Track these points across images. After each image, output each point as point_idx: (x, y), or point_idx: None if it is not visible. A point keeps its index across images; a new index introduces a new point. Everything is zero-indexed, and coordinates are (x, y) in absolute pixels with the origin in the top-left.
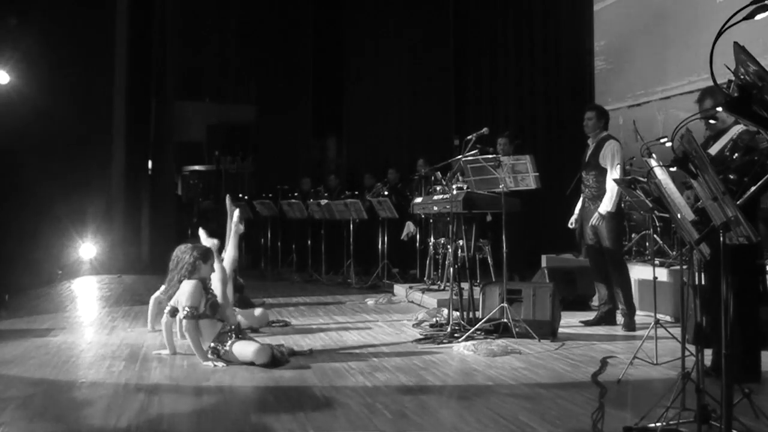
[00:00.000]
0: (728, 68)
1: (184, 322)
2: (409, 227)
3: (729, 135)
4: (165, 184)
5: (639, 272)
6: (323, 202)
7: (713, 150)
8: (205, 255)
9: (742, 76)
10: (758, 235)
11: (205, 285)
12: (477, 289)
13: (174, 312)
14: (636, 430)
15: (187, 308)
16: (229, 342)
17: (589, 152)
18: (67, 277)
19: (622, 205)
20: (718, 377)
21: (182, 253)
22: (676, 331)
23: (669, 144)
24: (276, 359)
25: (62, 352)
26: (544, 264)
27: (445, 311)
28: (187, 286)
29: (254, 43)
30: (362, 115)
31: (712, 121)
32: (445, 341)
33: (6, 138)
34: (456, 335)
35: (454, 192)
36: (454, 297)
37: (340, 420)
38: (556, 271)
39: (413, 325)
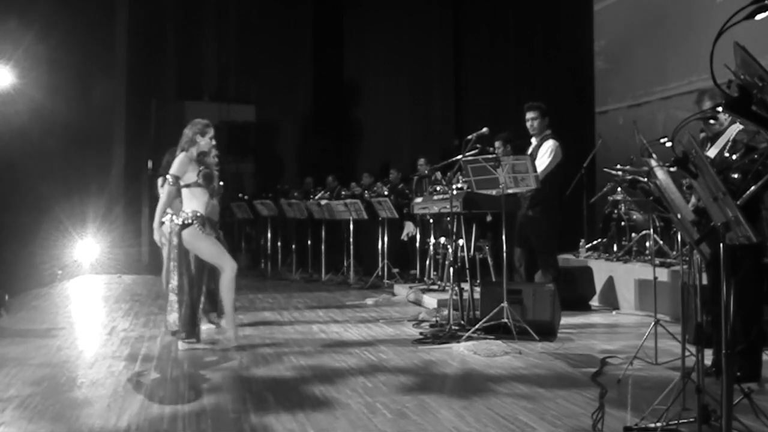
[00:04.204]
0: (728, 68)
1: (165, 187)
2: (409, 227)
3: (727, 136)
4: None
5: (639, 272)
6: (323, 202)
7: (711, 152)
8: (204, 129)
9: (742, 76)
10: (759, 235)
11: (201, 158)
12: (477, 289)
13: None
14: (636, 430)
15: (169, 176)
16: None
17: (530, 151)
18: (67, 277)
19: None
20: (719, 377)
21: (187, 128)
22: (676, 330)
23: (669, 144)
24: None
25: (62, 352)
26: None
27: (445, 311)
28: (176, 158)
29: (254, 43)
30: (362, 114)
31: (711, 122)
32: (445, 341)
33: (6, 138)
34: (456, 335)
35: (454, 192)
36: (454, 297)
37: (340, 420)
38: None
39: (413, 325)
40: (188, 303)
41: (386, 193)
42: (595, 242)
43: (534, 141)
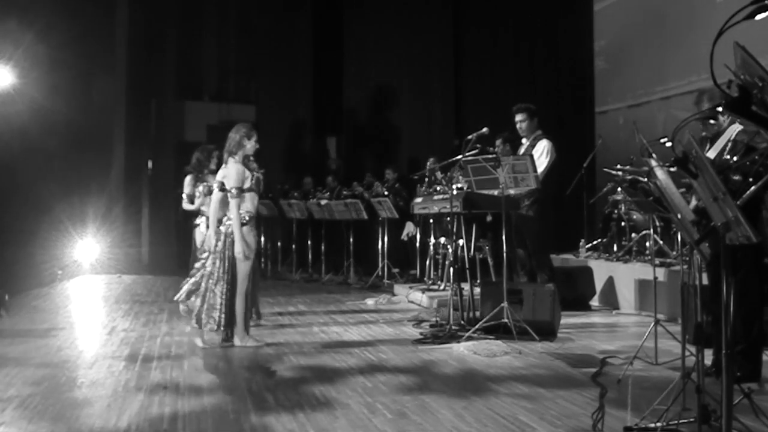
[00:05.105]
0: (728, 68)
1: (228, 199)
2: (409, 227)
3: (727, 136)
4: (165, 184)
5: (639, 272)
6: (323, 202)
7: (711, 153)
8: (249, 132)
9: (742, 76)
10: (759, 236)
11: (247, 164)
12: (477, 289)
13: (222, 187)
14: (636, 430)
15: (234, 189)
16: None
17: (521, 152)
18: (67, 277)
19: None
20: (719, 377)
21: (232, 132)
22: (676, 330)
23: (669, 144)
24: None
25: (62, 352)
26: None
27: (445, 311)
28: (232, 169)
29: (254, 43)
30: (362, 114)
31: (711, 122)
32: (445, 341)
33: (6, 138)
34: (456, 335)
35: (455, 192)
36: (454, 297)
37: (340, 420)
38: (556, 271)
39: (413, 325)
40: (229, 305)
41: (386, 193)
42: (595, 242)
43: (525, 141)
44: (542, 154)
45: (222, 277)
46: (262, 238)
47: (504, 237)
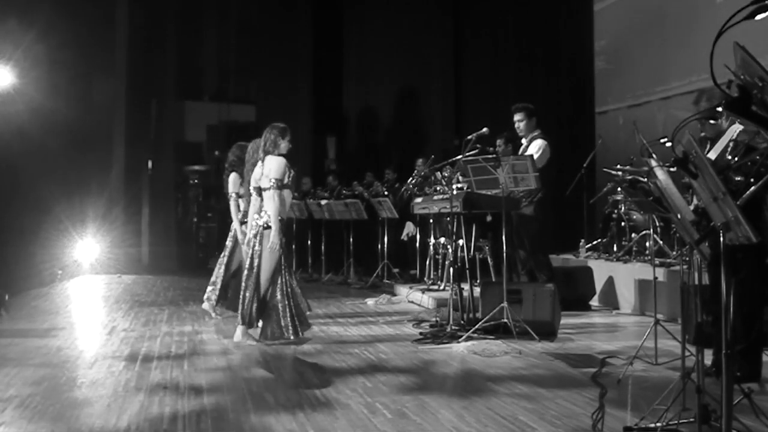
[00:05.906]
0: (728, 68)
1: (270, 192)
2: (409, 227)
3: (728, 136)
4: (165, 184)
5: (639, 272)
6: (323, 202)
7: (713, 153)
8: (283, 132)
9: (742, 76)
10: (759, 236)
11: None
12: (477, 289)
13: (260, 191)
14: (636, 430)
15: (273, 180)
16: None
17: (520, 152)
18: (67, 277)
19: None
20: (719, 377)
21: (266, 132)
22: (675, 330)
23: (669, 144)
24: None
25: (62, 352)
26: None
27: (445, 311)
28: (274, 162)
29: (254, 43)
30: (362, 114)
31: (711, 122)
32: (445, 341)
33: (6, 138)
34: (456, 335)
35: (454, 192)
36: (454, 297)
37: (340, 420)
38: (556, 271)
39: (413, 325)
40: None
41: (386, 192)
42: (595, 242)
43: (524, 142)
44: (533, 152)
45: (251, 273)
46: None
47: (504, 237)
